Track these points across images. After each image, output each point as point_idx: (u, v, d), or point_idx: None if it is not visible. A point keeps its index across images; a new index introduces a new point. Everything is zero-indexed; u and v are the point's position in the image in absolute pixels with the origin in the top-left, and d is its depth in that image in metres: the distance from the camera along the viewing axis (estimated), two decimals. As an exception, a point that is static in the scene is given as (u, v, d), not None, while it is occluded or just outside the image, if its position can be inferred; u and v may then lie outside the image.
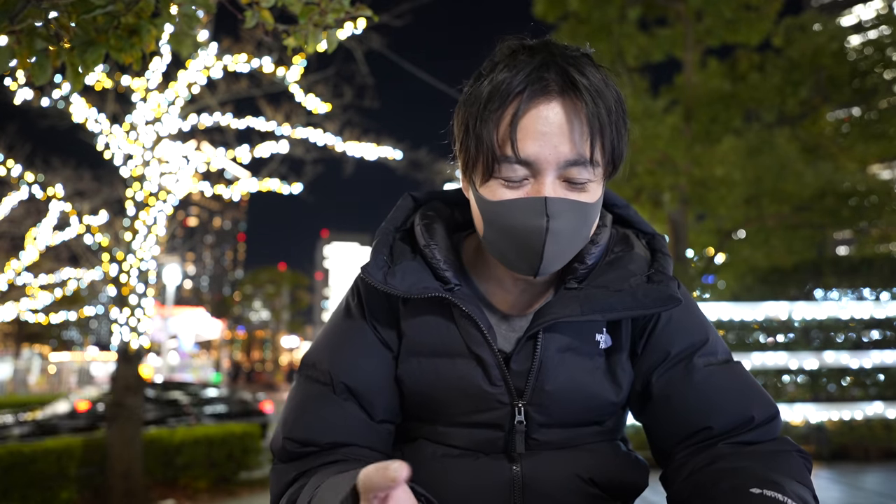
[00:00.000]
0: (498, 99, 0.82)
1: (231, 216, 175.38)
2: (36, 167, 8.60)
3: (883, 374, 8.38)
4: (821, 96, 11.63)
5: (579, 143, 0.80)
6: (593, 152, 0.81)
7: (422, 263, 0.94)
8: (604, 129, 0.82)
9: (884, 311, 8.38)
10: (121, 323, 6.09)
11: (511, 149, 0.81)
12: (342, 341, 0.97)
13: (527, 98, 0.80)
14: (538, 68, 0.81)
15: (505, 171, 0.82)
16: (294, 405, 0.96)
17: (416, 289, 0.90)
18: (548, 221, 0.81)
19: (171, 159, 6.46)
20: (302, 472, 0.89)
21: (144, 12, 1.43)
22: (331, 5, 1.75)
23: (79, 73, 1.40)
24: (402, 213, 1.03)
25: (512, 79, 0.81)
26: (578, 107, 0.80)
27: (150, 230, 6.23)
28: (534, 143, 0.80)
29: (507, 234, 0.85)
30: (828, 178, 10.41)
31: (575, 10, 12.09)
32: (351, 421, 0.93)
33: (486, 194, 0.85)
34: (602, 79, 0.84)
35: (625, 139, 0.86)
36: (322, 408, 0.93)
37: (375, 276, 0.91)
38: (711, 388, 0.89)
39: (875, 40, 11.46)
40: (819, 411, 8.07)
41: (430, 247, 0.95)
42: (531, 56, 0.83)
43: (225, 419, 9.95)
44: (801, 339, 8.55)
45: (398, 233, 1.01)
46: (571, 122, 0.80)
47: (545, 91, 0.80)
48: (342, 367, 0.95)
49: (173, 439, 7.04)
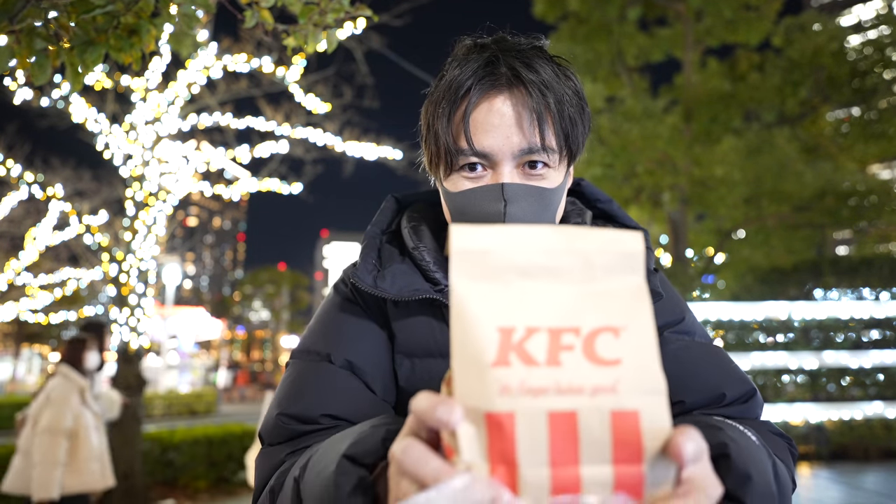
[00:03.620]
0: (451, 96, 0.86)
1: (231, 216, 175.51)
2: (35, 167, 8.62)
3: (882, 373, 8.38)
4: (820, 96, 11.63)
5: (530, 133, 0.84)
6: (544, 140, 0.84)
7: (411, 266, 0.95)
8: (554, 119, 0.85)
9: (883, 311, 8.38)
10: (120, 323, 6.09)
11: (466, 142, 0.85)
12: (338, 324, 0.95)
13: (477, 93, 0.84)
14: (486, 65, 0.85)
15: (464, 163, 0.87)
16: (289, 383, 0.91)
17: (406, 291, 0.91)
18: (505, 206, 0.85)
19: (171, 159, 6.46)
20: (294, 451, 0.83)
21: (144, 12, 1.43)
22: (330, 5, 1.75)
23: (78, 73, 1.40)
24: (387, 216, 1.04)
25: (463, 76, 0.86)
26: (526, 99, 0.84)
27: (150, 230, 6.23)
28: (487, 136, 0.84)
29: (470, 223, 0.84)
30: (827, 178, 10.42)
31: (575, 10, 12.09)
32: (353, 393, 0.89)
33: (449, 187, 0.89)
34: (554, 70, 0.87)
35: (581, 127, 0.89)
36: (321, 380, 0.89)
37: (365, 279, 0.91)
38: (685, 361, 0.89)
39: (875, 40, 11.46)
40: (819, 411, 8.07)
41: (418, 249, 0.96)
42: (481, 53, 0.87)
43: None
44: (800, 338, 8.55)
45: (385, 235, 1.02)
46: (520, 113, 0.84)
47: (494, 85, 0.84)
48: (341, 345, 0.92)
49: (173, 439, 7.04)
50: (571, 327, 0.44)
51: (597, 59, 12.39)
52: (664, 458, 0.42)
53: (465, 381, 0.43)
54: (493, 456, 0.42)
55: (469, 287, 0.45)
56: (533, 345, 0.44)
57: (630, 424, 0.42)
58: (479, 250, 0.45)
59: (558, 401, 0.42)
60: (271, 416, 0.87)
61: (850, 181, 10.62)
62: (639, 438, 0.42)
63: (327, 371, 0.90)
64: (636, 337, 0.44)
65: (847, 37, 11.50)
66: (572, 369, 0.43)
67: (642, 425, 0.42)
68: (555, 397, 0.42)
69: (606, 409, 0.42)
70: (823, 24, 11.60)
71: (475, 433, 0.43)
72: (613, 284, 0.46)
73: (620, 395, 0.42)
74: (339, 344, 0.93)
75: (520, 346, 0.43)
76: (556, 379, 0.42)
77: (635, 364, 0.44)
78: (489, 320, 0.44)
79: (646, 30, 12.69)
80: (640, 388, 0.43)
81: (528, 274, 0.46)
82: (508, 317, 0.44)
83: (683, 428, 0.43)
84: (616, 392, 0.42)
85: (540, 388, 0.42)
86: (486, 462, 0.42)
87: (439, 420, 0.42)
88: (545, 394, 0.42)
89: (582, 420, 0.42)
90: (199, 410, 18.67)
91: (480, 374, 0.43)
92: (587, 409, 0.42)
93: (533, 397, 0.42)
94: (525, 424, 0.42)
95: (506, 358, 0.43)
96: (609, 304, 0.45)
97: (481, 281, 0.45)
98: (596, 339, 0.44)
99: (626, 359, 0.43)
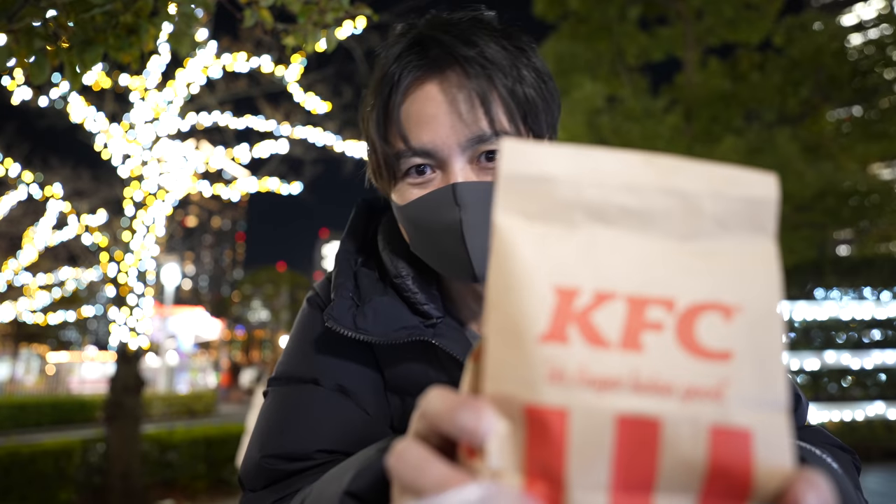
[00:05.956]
0: (378, 90, 0.74)
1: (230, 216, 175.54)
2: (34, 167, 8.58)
3: (884, 374, 8.38)
4: (821, 96, 11.62)
5: (476, 118, 0.70)
6: (495, 124, 0.70)
7: (395, 297, 0.81)
8: (504, 99, 0.71)
9: (885, 311, 8.38)
10: (119, 323, 6.07)
11: (403, 142, 0.72)
12: (320, 343, 0.81)
13: (405, 82, 0.71)
14: (411, 46, 0.73)
15: (407, 168, 0.73)
16: (270, 416, 0.78)
17: (392, 331, 0.77)
18: (461, 212, 0.70)
19: (170, 159, 6.44)
20: (282, 497, 0.71)
21: (143, 11, 1.42)
22: (330, 4, 1.73)
23: (77, 73, 1.38)
24: (360, 228, 0.90)
25: (388, 65, 0.73)
26: (464, 79, 0.70)
27: (149, 230, 6.21)
28: (424, 129, 0.70)
29: (427, 238, 0.74)
30: (828, 177, 10.41)
31: (575, 9, 12.08)
32: (349, 419, 0.77)
33: (397, 199, 0.76)
34: (501, 44, 0.73)
35: (543, 105, 0.75)
36: (310, 409, 0.77)
37: (343, 320, 0.76)
38: None
39: (876, 39, 11.46)
40: (820, 411, 8.06)
41: (401, 277, 0.81)
42: (405, 37, 0.75)
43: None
44: (801, 338, 8.54)
45: (359, 255, 0.87)
46: (459, 96, 0.70)
47: (424, 69, 0.71)
48: (327, 365, 0.80)
49: (172, 439, 7.02)
50: (662, 298, 0.32)
51: (597, 58, 12.37)
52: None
53: (500, 358, 0.31)
54: (532, 467, 0.30)
55: (519, 227, 0.33)
56: (603, 316, 0.31)
57: (736, 448, 0.30)
58: (538, 177, 0.33)
59: (634, 401, 0.30)
60: (253, 459, 0.74)
61: (851, 181, 10.62)
62: (748, 470, 0.29)
63: (316, 397, 0.78)
64: (756, 323, 0.31)
65: (848, 36, 11.51)
66: (659, 358, 0.30)
67: (755, 453, 0.30)
68: (629, 395, 0.30)
69: (704, 421, 0.30)
70: (824, 23, 11.60)
71: (508, 432, 0.31)
72: (729, 244, 0.34)
73: (727, 405, 0.30)
74: (325, 364, 0.80)
75: (584, 315, 0.31)
76: (635, 369, 0.30)
77: (752, 362, 0.31)
78: (543, 275, 0.32)
79: (646, 29, 12.67)
80: (755, 398, 0.30)
81: (605, 216, 0.33)
82: (572, 273, 0.32)
83: (811, 475, 0.29)
84: (720, 399, 0.30)
85: (608, 380, 0.30)
86: (520, 473, 0.31)
87: (462, 428, 0.31)
88: (615, 389, 0.30)
89: (667, 432, 0.30)
90: (198, 411, 18.67)
91: (523, 349, 0.31)
92: (676, 417, 0.30)
93: (596, 392, 0.30)
94: (581, 428, 0.30)
95: (562, 331, 0.31)
96: (720, 271, 0.32)
97: (537, 220, 0.33)
98: (697, 319, 0.31)
99: (740, 353, 0.31)
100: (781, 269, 0.35)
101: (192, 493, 6.94)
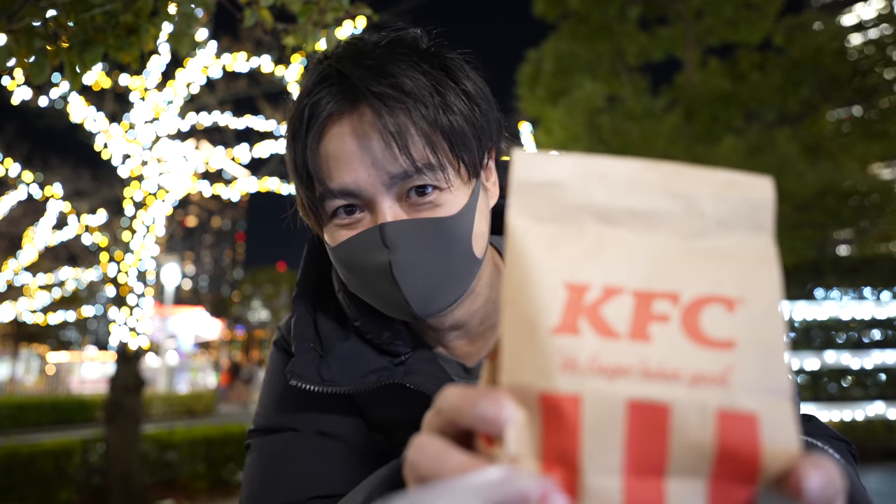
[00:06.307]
0: (293, 129, 0.71)
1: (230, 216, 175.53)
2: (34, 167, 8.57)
3: (884, 373, 8.38)
4: (821, 96, 11.62)
5: (394, 157, 0.66)
6: (415, 160, 0.66)
7: (358, 341, 0.78)
8: (423, 131, 0.67)
9: (885, 311, 8.38)
10: (119, 323, 6.07)
11: (324, 183, 0.68)
12: (294, 391, 0.75)
13: (320, 121, 0.68)
14: (321, 82, 0.69)
15: (333, 209, 0.70)
16: (256, 472, 0.76)
17: (362, 378, 0.74)
18: (390, 254, 0.67)
19: (170, 159, 6.44)
20: None
21: (143, 11, 1.42)
22: (330, 4, 1.73)
23: (77, 73, 1.38)
24: (313, 269, 0.85)
25: (301, 102, 0.70)
26: (379, 115, 0.66)
27: (149, 230, 6.21)
28: (345, 170, 0.67)
29: (361, 280, 0.72)
30: (828, 177, 10.41)
31: (575, 9, 12.08)
32: (339, 460, 0.74)
33: (328, 240, 0.73)
34: (422, 69, 0.69)
35: (475, 130, 0.71)
36: (296, 457, 0.74)
37: (308, 376, 0.73)
38: None
39: (876, 39, 11.47)
40: (820, 411, 8.06)
41: (360, 320, 0.78)
42: (316, 73, 0.71)
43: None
44: (801, 338, 8.54)
45: (317, 296, 0.83)
46: (373, 135, 0.66)
47: (338, 106, 0.67)
48: (303, 414, 0.77)
49: (172, 439, 7.02)
50: (667, 292, 0.33)
51: (597, 58, 12.37)
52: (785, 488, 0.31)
53: (515, 350, 0.33)
54: (548, 452, 0.32)
55: (531, 228, 0.35)
56: (612, 309, 0.33)
57: (743, 431, 0.31)
58: (547, 183, 0.35)
59: (643, 387, 0.31)
60: None
61: (851, 181, 10.62)
62: (755, 452, 0.31)
63: (298, 445, 0.75)
64: (758, 314, 0.33)
65: (848, 36, 11.52)
66: (666, 347, 0.32)
67: (762, 435, 0.31)
68: (639, 382, 0.31)
69: (711, 405, 0.31)
70: (824, 23, 11.61)
71: (525, 420, 0.32)
72: (730, 241, 0.35)
73: (732, 390, 0.31)
74: (302, 411, 0.77)
75: (594, 309, 0.33)
76: (643, 357, 0.32)
77: (755, 351, 0.32)
78: (555, 272, 0.34)
79: (646, 29, 12.67)
80: (759, 384, 0.32)
81: (611, 218, 0.35)
82: (581, 270, 0.34)
83: (817, 457, 0.30)
84: (726, 385, 0.31)
85: (618, 368, 0.32)
86: (537, 459, 0.32)
87: (483, 417, 0.31)
88: (625, 376, 0.32)
89: (676, 416, 0.31)
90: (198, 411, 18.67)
91: (537, 341, 0.32)
92: (684, 402, 0.31)
93: (608, 379, 0.31)
94: (594, 414, 0.31)
95: (573, 323, 0.32)
96: (722, 267, 0.34)
97: (548, 222, 0.35)
98: (701, 311, 0.33)
99: (743, 342, 0.32)
100: (781, 269, 0.36)
101: (192, 493, 6.94)
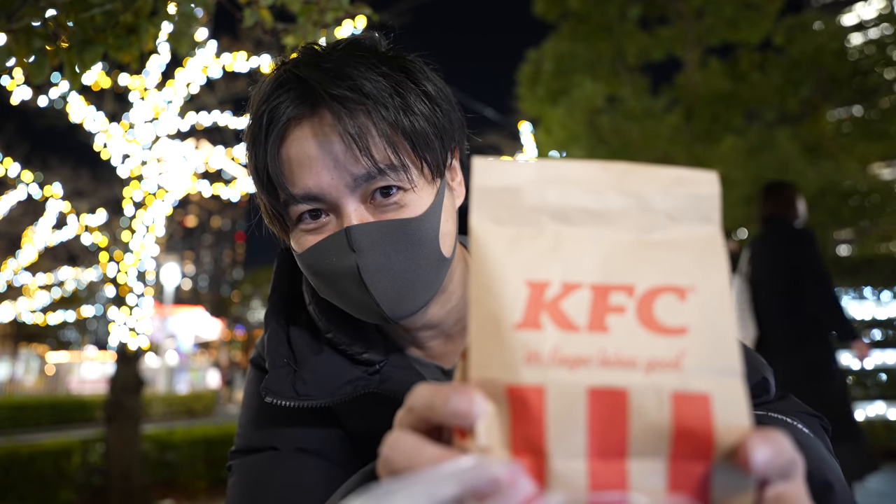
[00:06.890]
0: (253, 135, 0.71)
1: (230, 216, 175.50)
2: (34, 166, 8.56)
3: (884, 373, 8.37)
4: (822, 95, 11.62)
5: (355, 158, 0.66)
6: (376, 161, 0.66)
7: (332, 353, 0.78)
8: (383, 132, 0.67)
9: (885, 311, 8.38)
10: (119, 323, 6.07)
11: (286, 189, 0.68)
12: (272, 410, 0.76)
13: (279, 126, 0.68)
14: (278, 87, 0.69)
15: (297, 214, 0.70)
16: (237, 496, 0.76)
17: (337, 390, 0.74)
18: (357, 258, 0.67)
19: (170, 159, 6.44)
20: None
21: (143, 11, 1.41)
22: (330, 4, 1.73)
23: (77, 72, 1.37)
24: (285, 281, 0.85)
25: (258, 107, 0.70)
26: (339, 118, 0.66)
27: (149, 230, 6.21)
28: (307, 174, 0.67)
29: (330, 285, 0.71)
30: (829, 177, 10.42)
31: (575, 9, 12.08)
32: (316, 477, 0.74)
33: (295, 247, 0.73)
34: (380, 71, 0.69)
35: (435, 128, 0.71)
36: (276, 477, 0.74)
37: (283, 392, 0.73)
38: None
39: (876, 39, 11.46)
40: (820, 411, 8.07)
41: (333, 331, 0.78)
42: (274, 79, 0.70)
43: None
44: (801, 338, 8.53)
45: (289, 310, 0.83)
46: (334, 137, 0.66)
47: (297, 111, 0.67)
48: (282, 431, 0.77)
49: (172, 439, 7.02)
50: (622, 284, 0.35)
51: (597, 58, 12.36)
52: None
53: (482, 347, 0.34)
54: (517, 441, 0.33)
55: (492, 231, 0.36)
56: (571, 304, 0.35)
57: (697, 411, 0.32)
58: (506, 188, 0.37)
59: (602, 375, 0.33)
60: None
61: (851, 181, 10.62)
62: (709, 430, 0.32)
63: (278, 464, 0.75)
64: (708, 301, 0.35)
65: (848, 36, 11.52)
66: (622, 337, 0.34)
67: (714, 414, 0.33)
68: (598, 370, 0.33)
69: (666, 389, 0.33)
70: (824, 23, 11.60)
71: (494, 413, 0.34)
72: (679, 234, 0.37)
73: (685, 374, 0.33)
74: (280, 429, 0.77)
75: (554, 304, 0.34)
76: (601, 348, 0.33)
77: (706, 335, 0.34)
78: (516, 271, 0.35)
79: (646, 29, 12.67)
80: (711, 366, 0.33)
81: (567, 218, 0.37)
82: (541, 268, 0.35)
83: (766, 430, 0.32)
84: (679, 369, 0.33)
85: (579, 358, 0.33)
86: (506, 448, 0.33)
87: (455, 411, 0.32)
88: (585, 365, 0.33)
89: (633, 401, 0.33)
90: (198, 411, 18.67)
91: (502, 337, 0.34)
92: (640, 387, 0.33)
93: (569, 369, 0.33)
94: (557, 403, 0.33)
95: (535, 319, 0.34)
96: (673, 259, 0.36)
97: (508, 224, 0.37)
98: (655, 301, 0.35)
99: (694, 328, 0.34)
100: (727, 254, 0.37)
101: (192, 493, 6.94)
